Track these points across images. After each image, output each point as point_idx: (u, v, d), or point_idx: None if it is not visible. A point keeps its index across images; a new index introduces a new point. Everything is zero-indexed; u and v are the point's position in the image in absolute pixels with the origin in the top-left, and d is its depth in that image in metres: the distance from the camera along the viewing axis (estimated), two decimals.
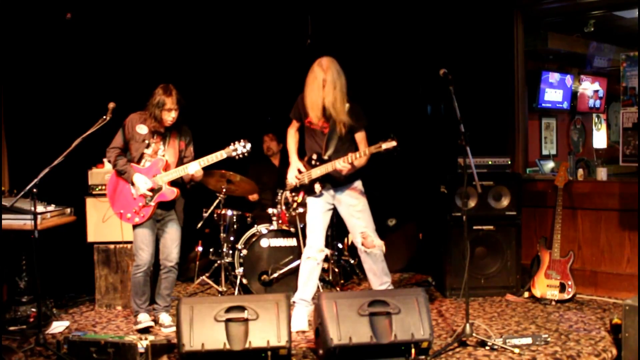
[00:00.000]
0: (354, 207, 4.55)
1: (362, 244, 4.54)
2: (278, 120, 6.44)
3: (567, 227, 5.52)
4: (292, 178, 4.59)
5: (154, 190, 4.43)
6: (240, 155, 4.44)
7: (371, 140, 4.49)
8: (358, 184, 4.59)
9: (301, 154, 4.67)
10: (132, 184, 4.43)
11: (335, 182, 4.53)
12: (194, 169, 4.40)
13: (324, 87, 4.33)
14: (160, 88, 4.37)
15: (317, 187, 4.52)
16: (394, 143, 4.20)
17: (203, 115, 6.23)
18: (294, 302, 4.61)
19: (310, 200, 4.60)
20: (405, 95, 6.44)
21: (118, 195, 4.49)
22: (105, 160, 5.08)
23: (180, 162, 4.54)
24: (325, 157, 4.49)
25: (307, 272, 4.59)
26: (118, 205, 4.50)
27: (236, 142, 4.44)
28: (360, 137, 4.51)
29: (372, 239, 4.54)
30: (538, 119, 7.65)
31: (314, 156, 4.52)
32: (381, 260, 4.59)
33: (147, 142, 4.47)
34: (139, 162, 4.48)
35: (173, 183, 4.49)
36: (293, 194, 4.70)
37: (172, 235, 4.58)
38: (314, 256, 4.57)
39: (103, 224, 5.09)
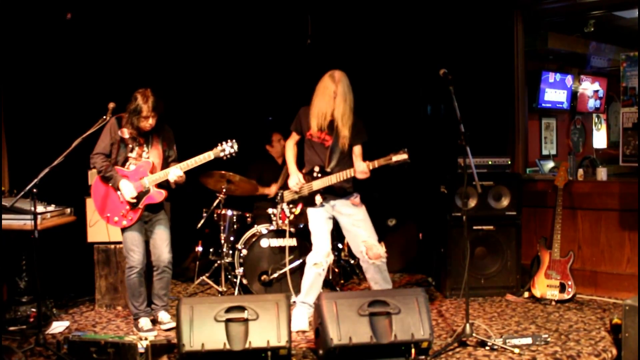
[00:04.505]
0: (355, 217, 4.56)
1: (367, 254, 4.53)
2: (279, 120, 6.46)
3: (567, 227, 5.52)
4: (293, 186, 4.59)
5: (142, 193, 4.43)
6: (228, 156, 4.44)
7: (375, 141, 4.51)
8: (357, 196, 4.61)
9: (299, 167, 4.69)
10: (118, 190, 4.41)
11: (335, 194, 4.55)
12: (175, 174, 4.38)
13: (334, 98, 4.35)
14: (138, 94, 4.31)
15: (318, 198, 4.53)
16: (405, 156, 4.23)
17: (203, 115, 6.25)
18: (294, 302, 4.61)
19: (310, 210, 4.61)
20: (405, 95, 6.44)
21: (105, 199, 4.47)
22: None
23: (165, 162, 4.54)
24: (328, 170, 4.51)
25: (312, 278, 4.58)
26: (105, 209, 4.48)
27: (224, 143, 4.44)
28: (358, 150, 4.54)
29: (377, 250, 4.53)
30: (538, 119, 7.65)
31: (316, 168, 4.54)
32: (384, 270, 4.60)
33: (130, 146, 4.45)
34: (123, 165, 4.46)
35: (160, 185, 4.49)
36: (291, 205, 4.69)
37: (161, 236, 4.56)
38: (320, 262, 4.54)
39: (104, 224, 5.08)
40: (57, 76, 5.57)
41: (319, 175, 4.53)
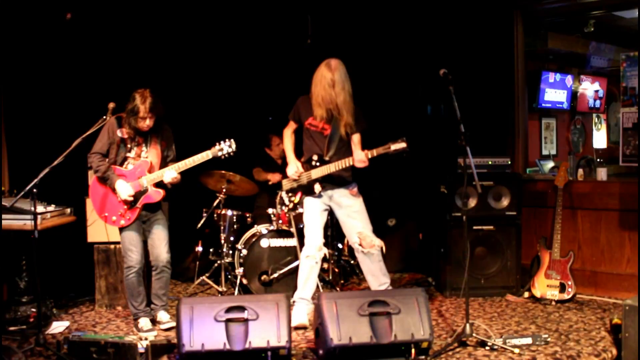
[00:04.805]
0: (351, 208, 4.58)
1: (360, 244, 4.55)
2: (279, 120, 6.45)
3: (567, 227, 5.52)
4: (292, 174, 4.61)
5: (139, 193, 4.43)
6: (226, 155, 4.45)
7: (375, 140, 4.51)
8: (354, 186, 4.63)
9: (297, 156, 4.70)
10: (114, 190, 4.41)
11: (334, 183, 4.56)
12: (169, 175, 4.40)
13: (333, 86, 4.36)
14: (137, 94, 4.30)
15: (317, 187, 4.54)
16: (403, 145, 4.25)
17: (203, 116, 6.25)
18: (293, 301, 4.62)
19: (307, 200, 4.62)
20: (405, 95, 6.44)
21: (103, 198, 4.47)
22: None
23: (164, 161, 4.54)
24: (327, 158, 4.52)
25: (307, 271, 4.60)
26: (103, 209, 4.48)
27: (222, 142, 4.45)
28: (357, 139, 4.55)
29: (371, 239, 4.55)
30: (538, 119, 7.65)
31: (315, 157, 4.55)
32: (379, 260, 4.60)
33: (128, 146, 4.45)
34: (122, 164, 4.47)
35: (158, 184, 4.49)
36: (290, 194, 4.70)
37: (159, 235, 4.56)
38: (313, 254, 4.58)
39: (103, 224, 5.08)
40: (57, 76, 5.57)
41: (318, 163, 4.54)
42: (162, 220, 4.60)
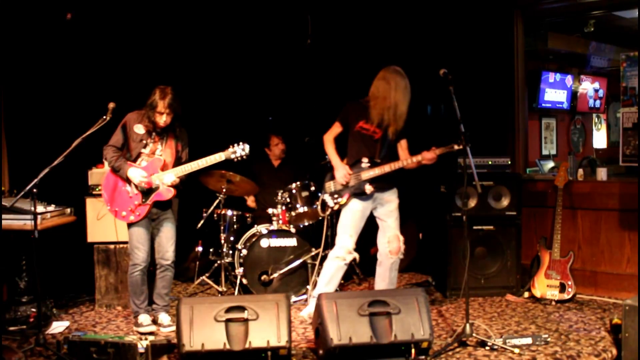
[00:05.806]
0: (389, 208, 4.67)
1: (389, 247, 4.61)
2: (280, 120, 6.44)
3: (567, 227, 5.52)
4: (341, 178, 4.62)
5: (151, 189, 4.44)
6: (239, 158, 4.47)
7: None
8: (396, 189, 4.73)
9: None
10: (127, 179, 4.43)
11: (385, 182, 4.63)
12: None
13: (407, 91, 4.53)
14: (157, 89, 4.36)
15: (369, 187, 4.58)
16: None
17: (203, 116, 6.24)
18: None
19: (354, 201, 4.62)
20: None
21: (114, 193, 4.49)
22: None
23: (178, 162, 4.54)
24: (378, 160, 4.58)
25: (333, 271, 4.64)
26: (114, 203, 4.49)
27: (235, 145, 4.46)
28: (405, 143, 4.68)
29: (399, 245, 4.63)
30: (538, 119, 7.65)
31: (365, 159, 4.60)
32: (395, 269, 4.67)
33: (144, 142, 4.46)
34: (135, 161, 4.48)
35: None
36: (336, 196, 4.70)
37: (167, 234, 4.57)
38: (342, 256, 4.62)
39: (103, 224, 5.10)
40: (57, 76, 5.57)
41: (369, 165, 4.58)
42: (171, 219, 4.62)
